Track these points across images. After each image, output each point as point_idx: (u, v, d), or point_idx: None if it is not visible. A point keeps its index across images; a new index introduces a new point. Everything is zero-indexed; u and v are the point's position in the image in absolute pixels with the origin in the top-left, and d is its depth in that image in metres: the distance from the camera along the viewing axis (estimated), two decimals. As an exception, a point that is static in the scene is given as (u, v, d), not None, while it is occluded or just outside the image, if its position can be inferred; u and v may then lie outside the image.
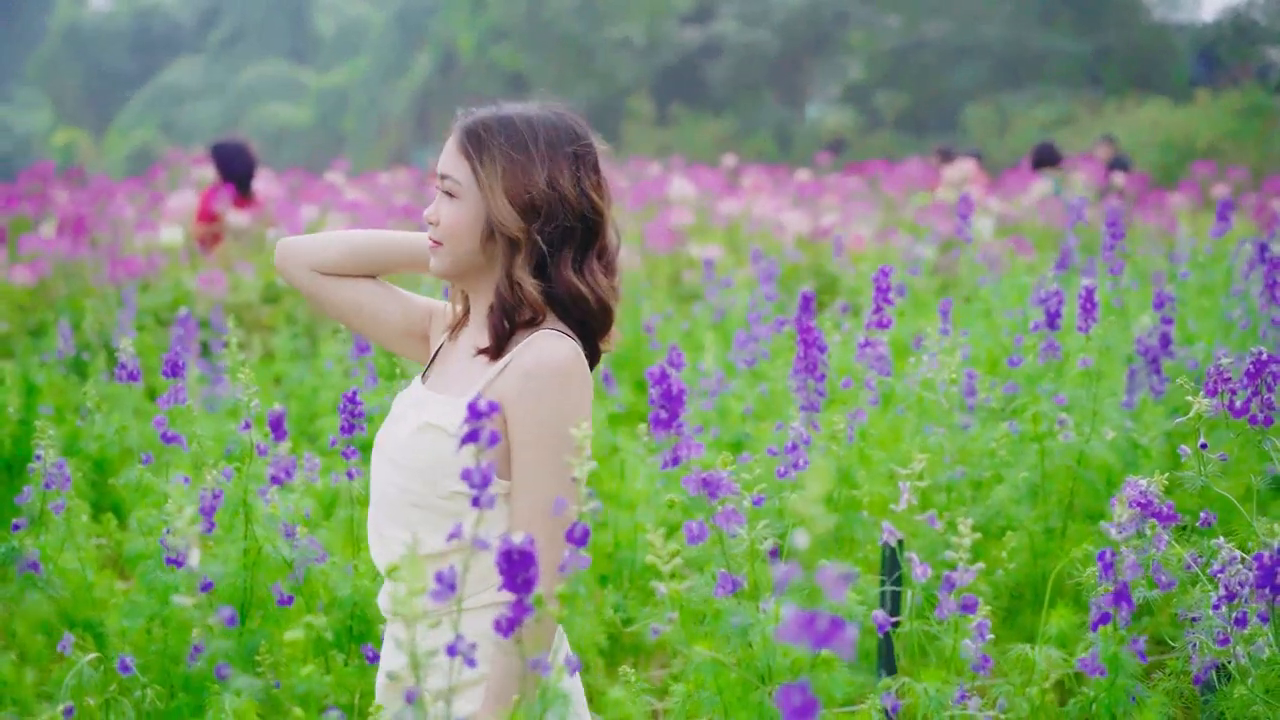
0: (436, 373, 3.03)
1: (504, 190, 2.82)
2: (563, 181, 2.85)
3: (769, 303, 7.20)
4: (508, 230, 2.82)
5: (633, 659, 4.70)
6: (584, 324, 2.89)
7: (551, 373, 2.77)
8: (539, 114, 2.92)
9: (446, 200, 2.89)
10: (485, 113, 2.92)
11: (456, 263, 2.90)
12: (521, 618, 2.12)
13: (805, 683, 1.54)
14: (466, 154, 2.87)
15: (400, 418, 2.95)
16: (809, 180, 17.18)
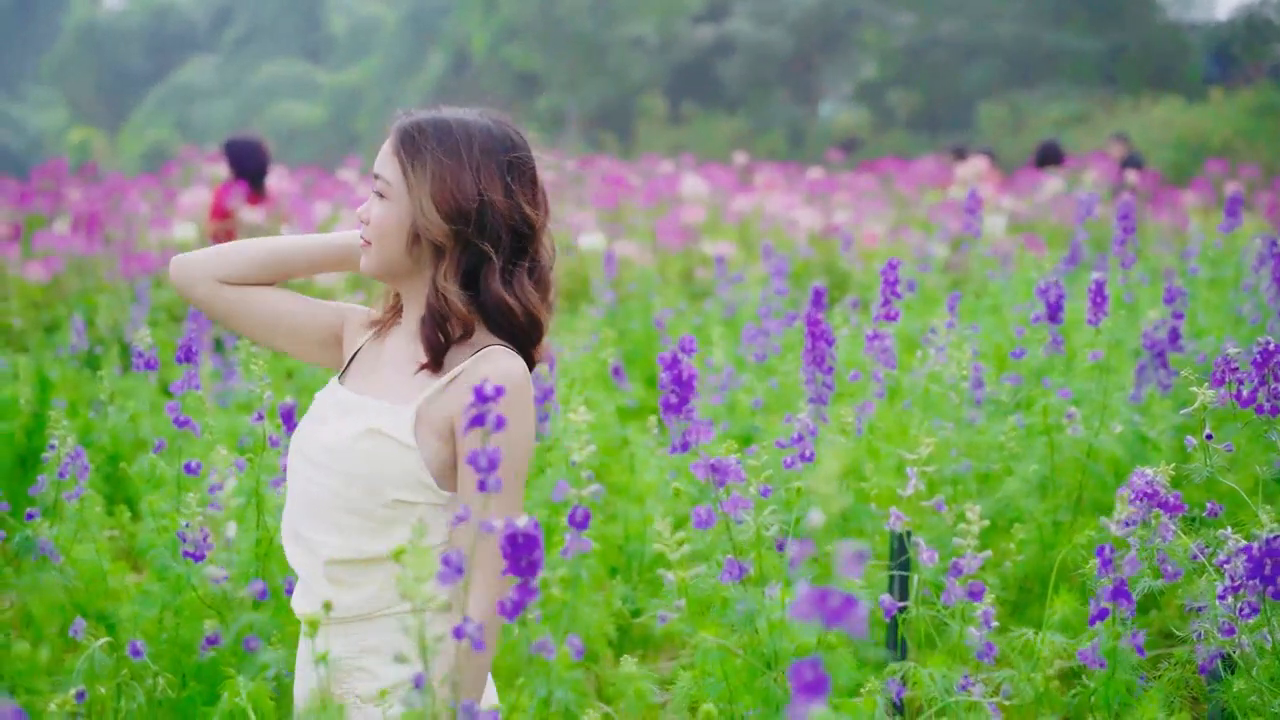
0: (361, 374, 2.95)
1: (431, 195, 2.77)
2: (493, 190, 2.80)
3: (780, 298, 7.21)
4: (432, 236, 2.78)
5: (641, 651, 4.71)
6: (514, 338, 2.84)
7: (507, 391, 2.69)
8: (477, 120, 2.86)
9: (377, 200, 2.84)
10: (423, 115, 2.87)
11: (384, 264, 2.86)
12: (526, 601, 2.13)
13: (817, 659, 1.56)
14: (399, 155, 2.82)
15: (323, 419, 2.88)
16: (821, 178, 17.17)
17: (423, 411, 2.77)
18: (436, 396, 2.78)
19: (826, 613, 1.60)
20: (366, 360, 2.98)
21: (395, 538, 2.72)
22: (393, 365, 2.91)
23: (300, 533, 2.84)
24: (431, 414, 2.77)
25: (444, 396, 2.78)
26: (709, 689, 2.70)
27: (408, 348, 2.90)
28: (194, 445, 4.29)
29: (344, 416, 2.85)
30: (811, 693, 1.60)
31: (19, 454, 6.31)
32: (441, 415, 2.77)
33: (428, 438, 2.76)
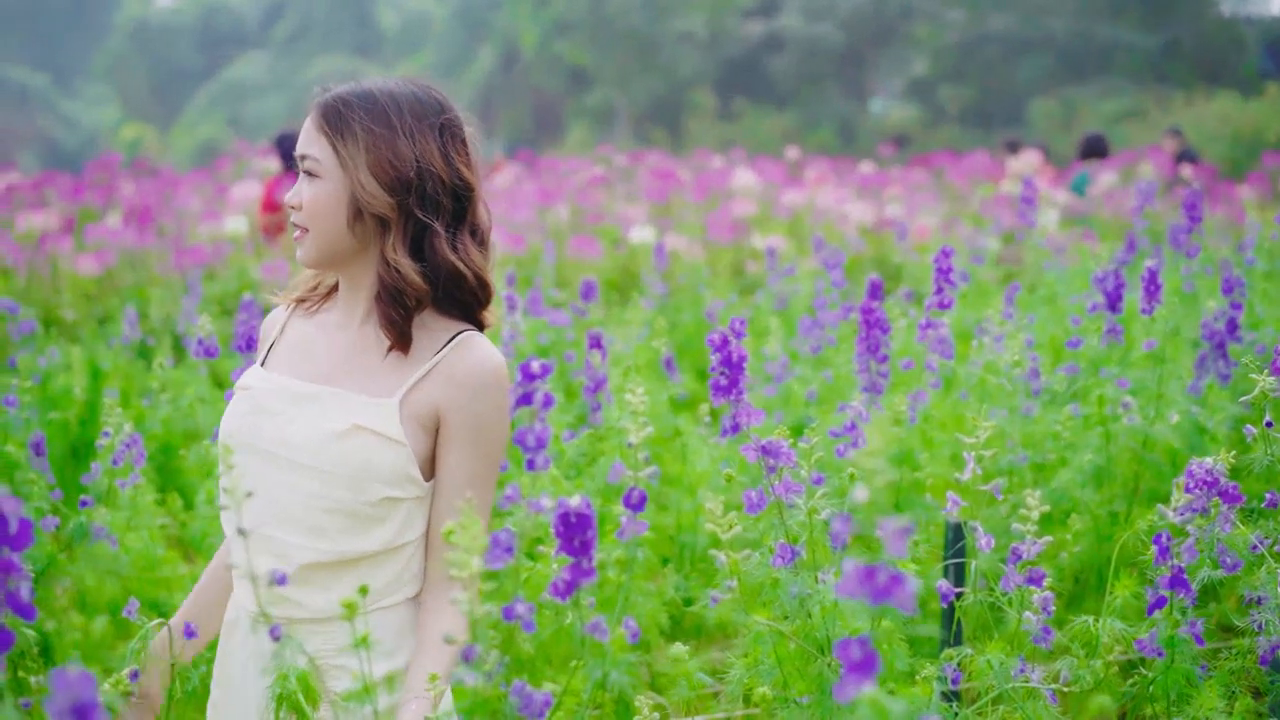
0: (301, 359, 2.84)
1: (368, 166, 2.68)
2: (431, 155, 2.73)
3: (836, 290, 7.17)
4: (376, 208, 2.69)
5: (693, 640, 4.69)
6: (464, 304, 2.77)
7: (488, 376, 2.69)
8: (401, 87, 2.78)
9: (308, 181, 2.73)
10: (344, 88, 2.77)
11: (325, 247, 2.75)
12: (579, 581, 2.11)
13: (866, 636, 1.53)
14: (325, 131, 2.72)
15: (272, 412, 2.75)
16: (873, 172, 17.12)
17: (405, 404, 2.69)
18: (417, 387, 2.70)
19: (874, 590, 1.57)
20: (299, 343, 2.87)
21: (379, 535, 2.66)
22: (349, 352, 2.80)
23: (272, 536, 2.68)
24: (414, 405, 2.69)
25: (425, 387, 2.70)
26: (762, 674, 2.67)
27: (358, 331, 2.80)
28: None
29: (308, 409, 2.73)
30: (861, 672, 1.57)
31: (72, 443, 6.34)
32: (424, 406, 2.69)
33: (413, 430, 2.68)
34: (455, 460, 2.69)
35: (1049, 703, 2.71)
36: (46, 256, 10.89)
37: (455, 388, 2.68)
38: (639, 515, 2.29)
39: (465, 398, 2.68)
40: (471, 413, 2.68)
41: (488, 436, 2.70)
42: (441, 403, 2.69)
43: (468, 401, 2.68)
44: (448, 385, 2.68)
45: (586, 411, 4.90)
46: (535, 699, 2.08)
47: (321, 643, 2.68)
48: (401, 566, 2.70)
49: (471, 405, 2.68)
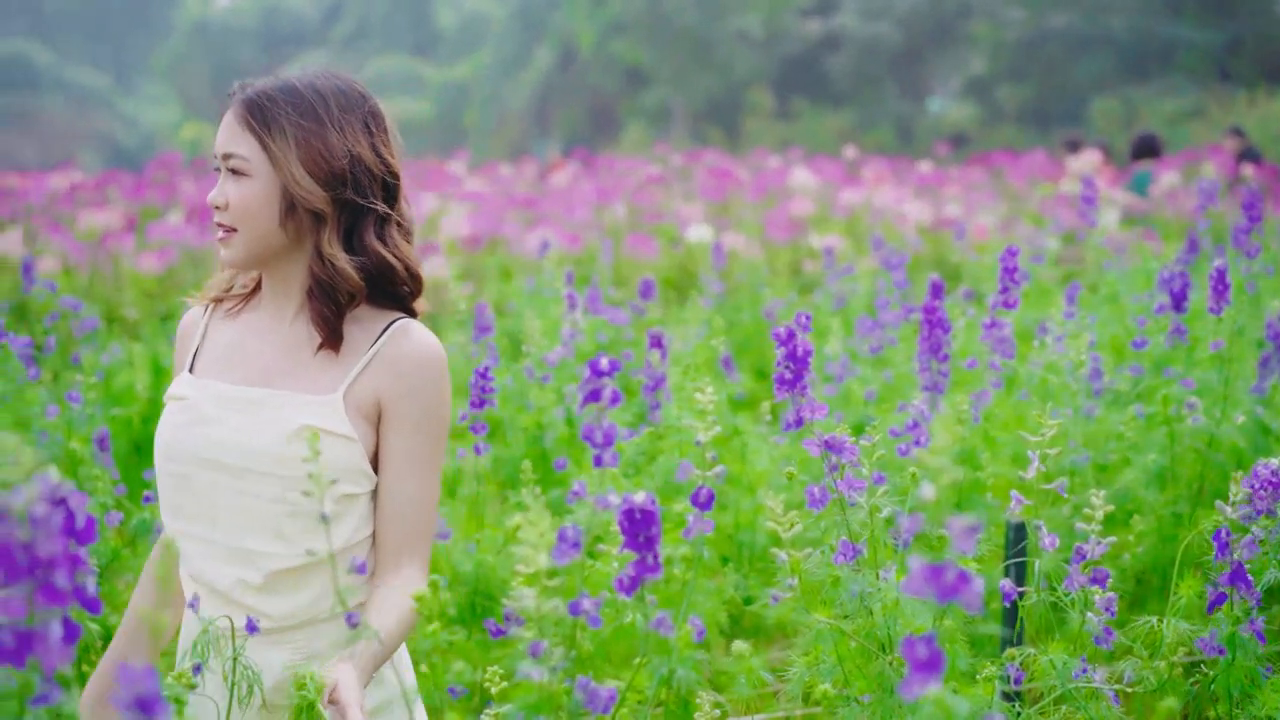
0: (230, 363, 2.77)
1: (301, 162, 2.63)
2: (360, 146, 2.69)
3: (898, 290, 7.15)
4: (311, 203, 2.64)
5: (752, 639, 4.69)
6: (396, 295, 2.75)
7: (429, 361, 2.68)
8: (323, 80, 2.73)
9: (234, 180, 2.67)
10: (265, 83, 2.71)
11: (252, 246, 2.69)
12: (644, 576, 2.11)
13: (931, 635, 1.53)
14: (251, 128, 2.66)
15: (216, 420, 2.68)
16: (931, 171, 17.06)
17: (349, 398, 2.66)
18: (358, 380, 2.67)
19: (940, 588, 1.57)
20: (227, 346, 2.81)
21: (339, 534, 2.63)
22: (283, 351, 2.75)
23: (237, 546, 2.64)
24: (357, 398, 2.66)
25: (364, 379, 2.67)
26: (823, 673, 2.67)
27: (288, 329, 2.76)
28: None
29: (253, 413, 2.67)
30: (926, 670, 1.57)
31: (135, 439, 6.40)
32: (366, 399, 2.66)
33: (359, 424, 2.65)
34: (400, 447, 2.67)
35: (1111, 703, 2.69)
36: (109, 255, 10.98)
37: (395, 376, 2.66)
38: (705, 514, 2.30)
39: (406, 386, 2.66)
40: (414, 400, 2.66)
41: (431, 422, 2.69)
42: (383, 393, 2.66)
43: (409, 389, 2.66)
44: (388, 375, 2.66)
45: (645, 410, 4.90)
46: (600, 694, 2.09)
47: (290, 653, 2.65)
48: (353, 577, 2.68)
49: (413, 392, 2.66)
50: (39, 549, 1.54)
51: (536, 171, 18.65)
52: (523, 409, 5.24)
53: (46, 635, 1.55)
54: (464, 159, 19.00)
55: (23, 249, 10.20)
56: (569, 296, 5.84)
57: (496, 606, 4.04)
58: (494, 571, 4.04)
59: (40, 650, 1.54)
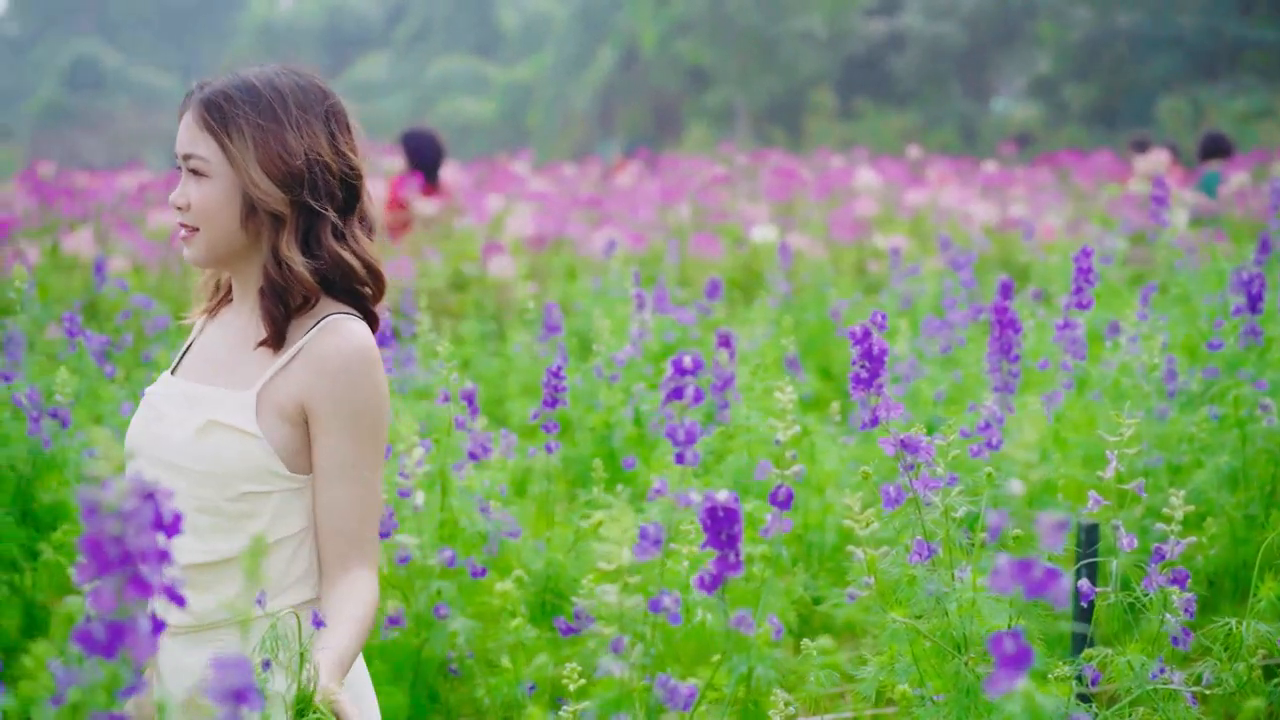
0: (197, 363, 2.80)
1: (259, 163, 2.62)
2: (319, 145, 2.67)
3: (965, 290, 7.12)
4: (269, 205, 2.63)
5: (821, 639, 4.69)
6: (355, 294, 2.73)
7: (354, 359, 2.62)
8: (282, 77, 2.72)
9: (194, 181, 2.66)
10: (223, 82, 2.69)
11: (214, 247, 2.68)
12: (726, 574, 2.12)
13: (1019, 629, 1.53)
14: (209, 128, 2.64)
15: (163, 416, 2.70)
16: (996, 172, 16.97)
17: (265, 395, 2.64)
18: (278, 377, 2.65)
19: (1029, 584, 1.57)
20: (201, 348, 2.84)
21: (250, 533, 2.58)
22: (227, 346, 2.77)
23: None
24: (275, 396, 2.64)
25: (287, 376, 2.64)
26: (898, 672, 2.66)
27: (244, 325, 2.76)
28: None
29: (184, 409, 2.70)
30: (1013, 667, 1.57)
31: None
32: (287, 397, 2.63)
33: (273, 422, 2.62)
34: (325, 450, 2.63)
35: (1189, 705, 2.68)
36: (177, 254, 11.06)
37: (315, 375, 2.63)
38: (784, 513, 2.30)
39: (327, 385, 2.62)
40: (336, 399, 2.62)
41: (360, 421, 2.63)
42: (305, 392, 2.63)
43: (330, 388, 2.62)
44: (308, 373, 2.63)
45: (713, 409, 4.91)
46: (680, 691, 2.10)
47: (203, 654, 2.61)
48: (283, 567, 2.65)
49: (334, 391, 2.62)
50: (129, 543, 1.56)
51: (600, 172, 18.67)
52: (591, 408, 5.26)
53: (136, 628, 1.57)
54: (528, 159, 19.03)
55: (94, 248, 10.29)
56: (637, 296, 5.85)
57: (566, 604, 4.05)
58: (564, 570, 4.05)
59: (130, 642, 1.56)
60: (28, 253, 10.10)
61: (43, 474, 4.43)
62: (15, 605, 4.27)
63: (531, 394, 6.56)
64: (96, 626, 1.54)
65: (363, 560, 2.66)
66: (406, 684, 3.94)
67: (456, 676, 4.00)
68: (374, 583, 2.66)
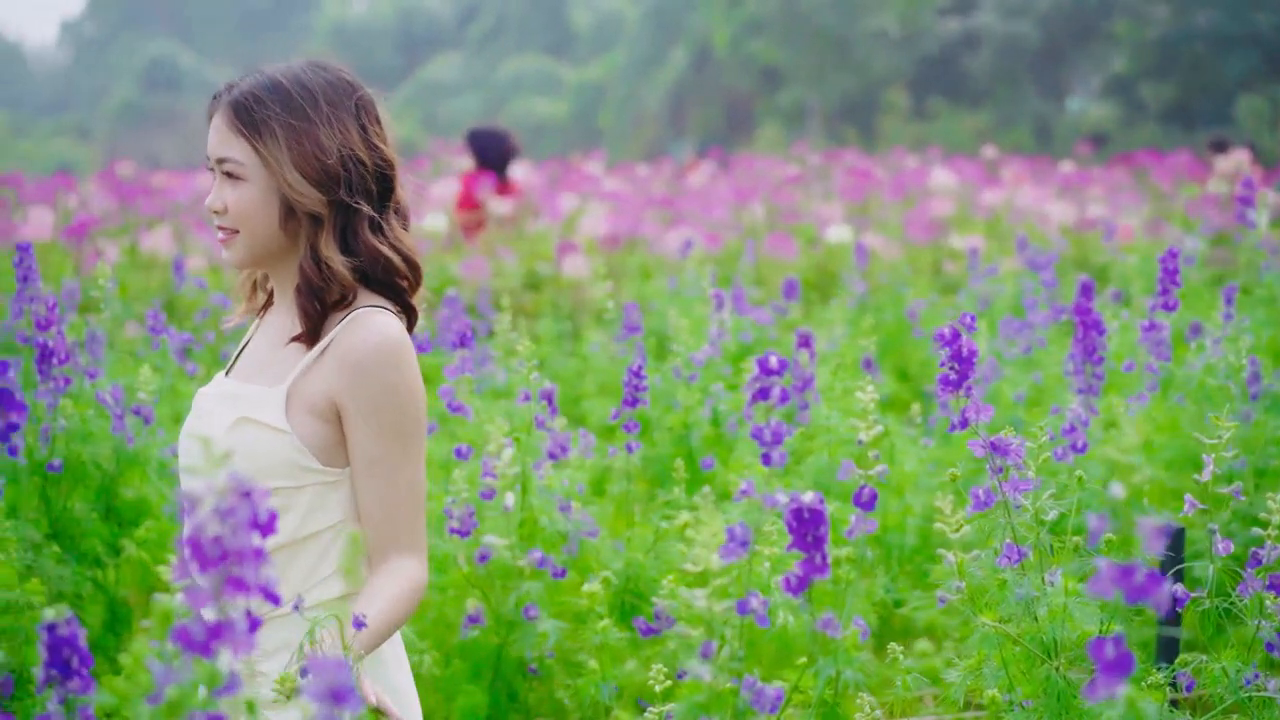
0: (244, 362, 2.82)
1: (294, 164, 2.62)
2: (353, 141, 2.66)
3: (1046, 290, 7.07)
4: (307, 206, 2.63)
5: (901, 643, 4.66)
6: (395, 287, 2.72)
7: (379, 353, 2.60)
8: (309, 73, 2.70)
9: (230, 184, 2.65)
10: (250, 82, 2.67)
11: (254, 248, 2.69)
12: (812, 576, 2.10)
13: (1120, 635, 1.51)
14: (241, 131, 2.64)
15: (207, 414, 2.73)
16: (1073, 171, 16.84)
17: (294, 391, 2.64)
18: (309, 373, 2.64)
19: (1130, 589, 1.55)
20: (249, 349, 2.85)
21: (284, 527, 2.57)
22: (268, 345, 2.78)
23: None
24: (306, 392, 2.63)
25: (317, 372, 2.64)
26: (987, 677, 2.64)
27: (283, 324, 2.75)
28: (465, 429, 4.35)
29: (222, 407, 2.71)
30: (1114, 672, 1.55)
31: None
32: (317, 393, 2.63)
33: (304, 418, 2.62)
34: (359, 442, 2.62)
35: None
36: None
37: (341, 370, 2.62)
38: (868, 515, 2.28)
39: (350, 379, 2.61)
40: (362, 394, 2.61)
41: (388, 415, 2.62)
42: (333, 388, 2.62)
43: (356, 382, 2.61)
44: (336, 369, 2.62)
45: (794, 410, 4.89)
46: (767, 694, 2.08)
47: None
48: (314, 562, 2.65)
49: (360, 386, 2.61)
50: (228, 541, 1.57)
51: (673, 171, 18.67)
52: (669, 408, 5.24)
53: (234, 626, 1.57)
54: (600, 159, 19.05)
55: (172, 247, 10.38)
56: (715, 296, 5.84)
57: (645, 605, 4.04)
58: (643, 570, 4.04)
59: (228, 640, 1.57)
60: (107, 251, 10.20)
61: (126, 471, 4.47)
62: (99, 601, 4.30)
63: (608, 394, 6.55)
64: (195, 624, 1.54)
65: (404, 550, 2.66)
66: (486, 683, 3.95)
67: (536, 676, 4.00)
68: (416, 569, 2.66)
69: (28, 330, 4.42)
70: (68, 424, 4.21)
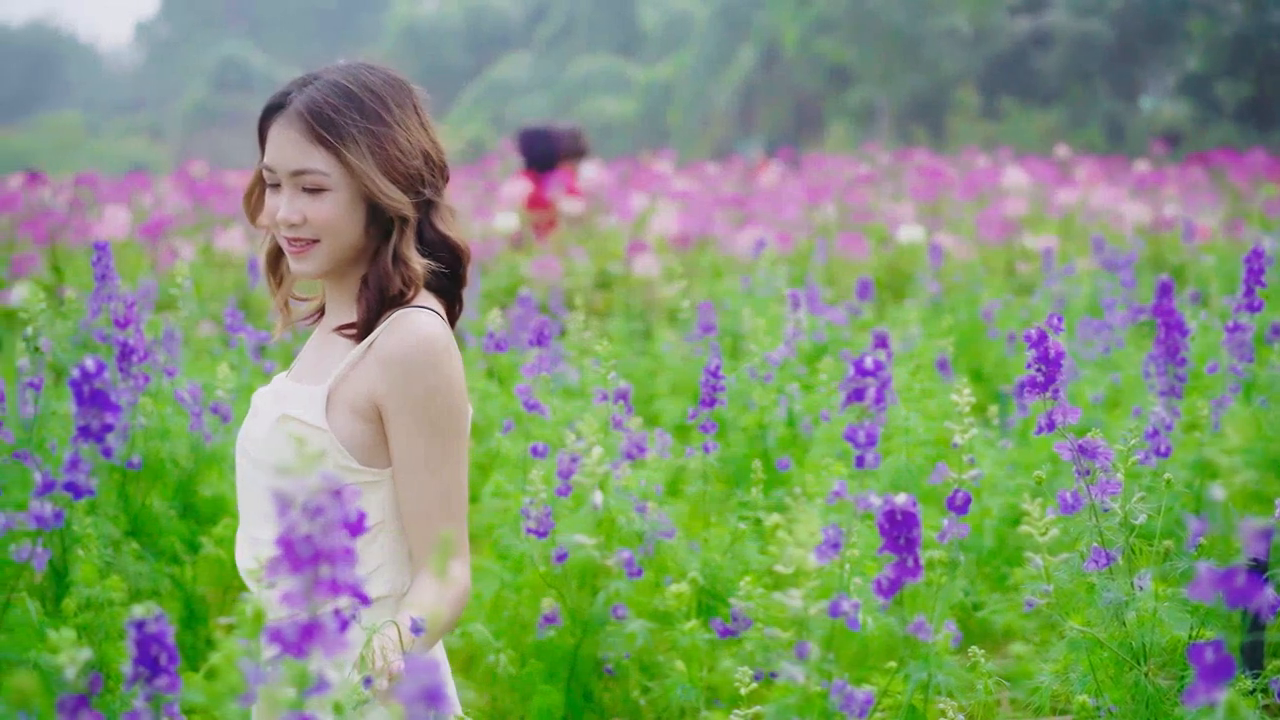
0: (298, 363, 2.85)
1: (381, 170, 2.61)
2: (421, 138, 2.68)
3: (1125, 290, 6.99)
4: (399, 210, 2.63)
5: (981, 645, 4.62)
6: (452, 276, 2.74)
7: (417, 352, 2.59)
8: (367, 75, 2.68)
9: (308, 197, 2.63)
10: (318, 91, 2.64)
11: (335, 256, 2.67)
12: (904, 579, 2.08)
13: (1220, 639, 1.48)
14: (323, 141, 2.60)
15: (260, 412, 2.74)
16: (1147, 171, 16.68)
17: (336, 391, 2.64)
18: (351, 373, 2.64)
19: (1232, 593, 1.52)
20: (304, 350, 2.88)
21: None
22: (318, 345, 2.80)
23: (248, 533, 2.72)
24: (348, 392, 2.63)
25: (359, 372, 2.63)
26: (1074, 682, 2.61)
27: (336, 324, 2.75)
28: (540, 427, 4.34)
29: (270, 405, 2.73)
30: (1214, 678, 1.52)
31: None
32: (359, 393, 2.62)
33: (345, 417, 2.62)
34: (399, 441, 2.61)
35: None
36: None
37: (383, 370, 2.61)
38: (960, 518, 2.26)
39: (391, 379, 2.60)
40: (403, 394, 2.60)
41: (429, 416, 2.60)
42: (375, 388, 2.61)
43: (396, 383, 2.60)
44: (377, 369, 2.61)
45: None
46: (856, 697, 2.06)
47: None
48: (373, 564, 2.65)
49: (400, 386, 2.60)
50: (320, 541, 1.56)
51: (743, 170, 18.64)
52: (744, 409, 5.22)
53: (326, 626, 1.57)
54: (670, 158, 19.04)
55: (245, 246, 10.44)
56: (792, 296, 5.81)
57: (722, 606, 4.02)
58: (720, 571, 4.01)
59: (320, 641, 1.56)
60: (182, 250, 10.28)
61: (203, 469, 4.50)
62: (176, 598, 4.33)
63: (681, 393, 6.54)
64: (288, 625, 1.54)
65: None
66: (561, 683, 3.94)
67: (611, 676, 3.99)
68: (459, 572, 2.65)
69: (106, 328, 4.44)
70: (147, 422, 4.24)
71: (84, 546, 3.47)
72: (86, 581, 3.27)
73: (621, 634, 3.73)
